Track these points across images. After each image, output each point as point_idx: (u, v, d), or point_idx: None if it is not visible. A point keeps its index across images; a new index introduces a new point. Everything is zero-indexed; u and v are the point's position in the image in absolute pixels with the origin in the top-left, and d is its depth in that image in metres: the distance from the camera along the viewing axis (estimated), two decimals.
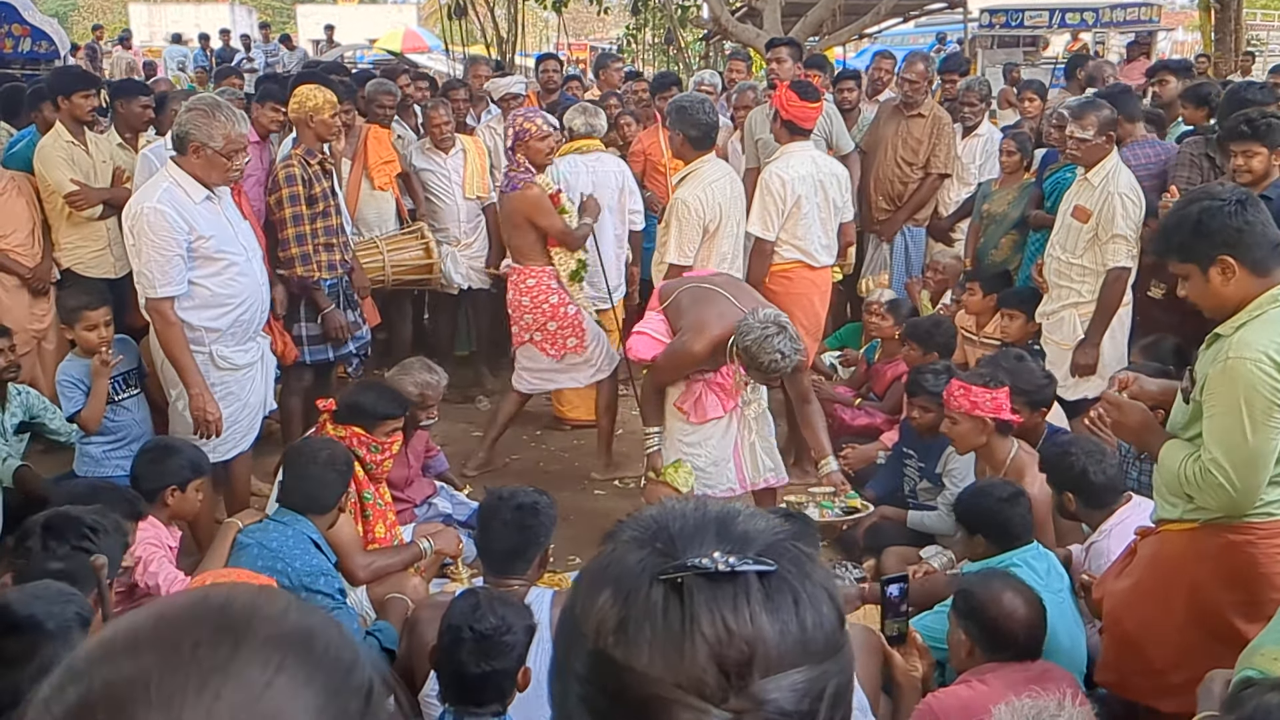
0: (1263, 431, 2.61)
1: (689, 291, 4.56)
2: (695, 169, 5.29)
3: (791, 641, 0.83)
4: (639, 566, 0.86)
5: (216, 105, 4.30)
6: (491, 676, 2.60)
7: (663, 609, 0.83)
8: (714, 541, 0.87)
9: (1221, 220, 2.68)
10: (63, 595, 2.26)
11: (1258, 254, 2.65)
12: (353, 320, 5.56)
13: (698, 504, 0.93)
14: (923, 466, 4.92)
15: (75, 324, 4.59)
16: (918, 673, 3.04)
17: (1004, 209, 6.39)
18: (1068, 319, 5.25)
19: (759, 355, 4.15)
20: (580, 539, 5.17)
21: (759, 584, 0.84)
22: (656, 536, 0.89)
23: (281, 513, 3.56)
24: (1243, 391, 2.61)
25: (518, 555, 3.18)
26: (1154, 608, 2.94)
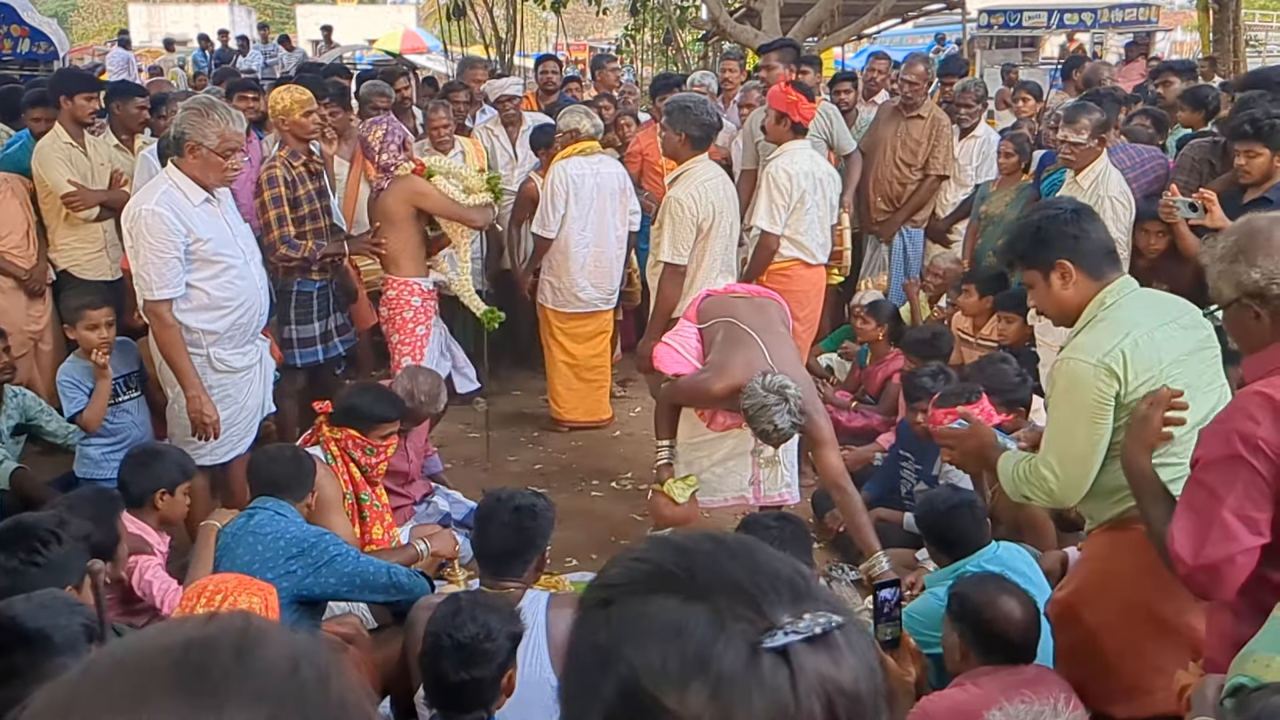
0: (1087, 429, 2.78)
1: (727, 325, 4.50)
2: (688, 168, 5.29)
3: (873, 687, 0.87)
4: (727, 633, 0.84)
5: (211, 105, 4.30)
6: (470, 684, 2.59)
7: (772, 679, 0.82)
8: (789, 597, 0.87)
9: (1059, 228, 2.89)
10: (70, 607, 2.26)
11: (1092, 259, 2.87)
12: (340, 322, 5.56)
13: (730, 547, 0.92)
14: (919, 468, 4.93)
15: (77, 323, 4.61)
16: (911, 677, 3.04)
17: (1001, 210, 6.40)
18: None
19: (755, 421, 4.15)
20: (577, 541, 5.18)
21: (841, 635, 0.87)
22: (733, 598, 0.86)
23: (261, 499, 3.60)
24: (1075, 390, 2.79)
25: (515, 557, 3.18)
26: (1090, 612, 2.97)
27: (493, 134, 7.23)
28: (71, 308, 4.69)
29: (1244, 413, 2.34)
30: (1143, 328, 2.78)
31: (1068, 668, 2.96)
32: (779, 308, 4.81)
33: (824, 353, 6.91)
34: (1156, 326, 2.80)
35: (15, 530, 2.81)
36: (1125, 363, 2.73)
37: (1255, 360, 2.45)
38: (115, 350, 4.64)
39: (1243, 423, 2.32)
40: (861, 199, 7.09)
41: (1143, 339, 2.76)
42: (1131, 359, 2.73)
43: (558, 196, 6.19)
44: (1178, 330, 2.83)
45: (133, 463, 3.98)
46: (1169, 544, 2.39)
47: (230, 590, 2.90)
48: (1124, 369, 2.73)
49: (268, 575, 3.24)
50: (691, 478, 4.59)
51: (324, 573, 3.40)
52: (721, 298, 4.79)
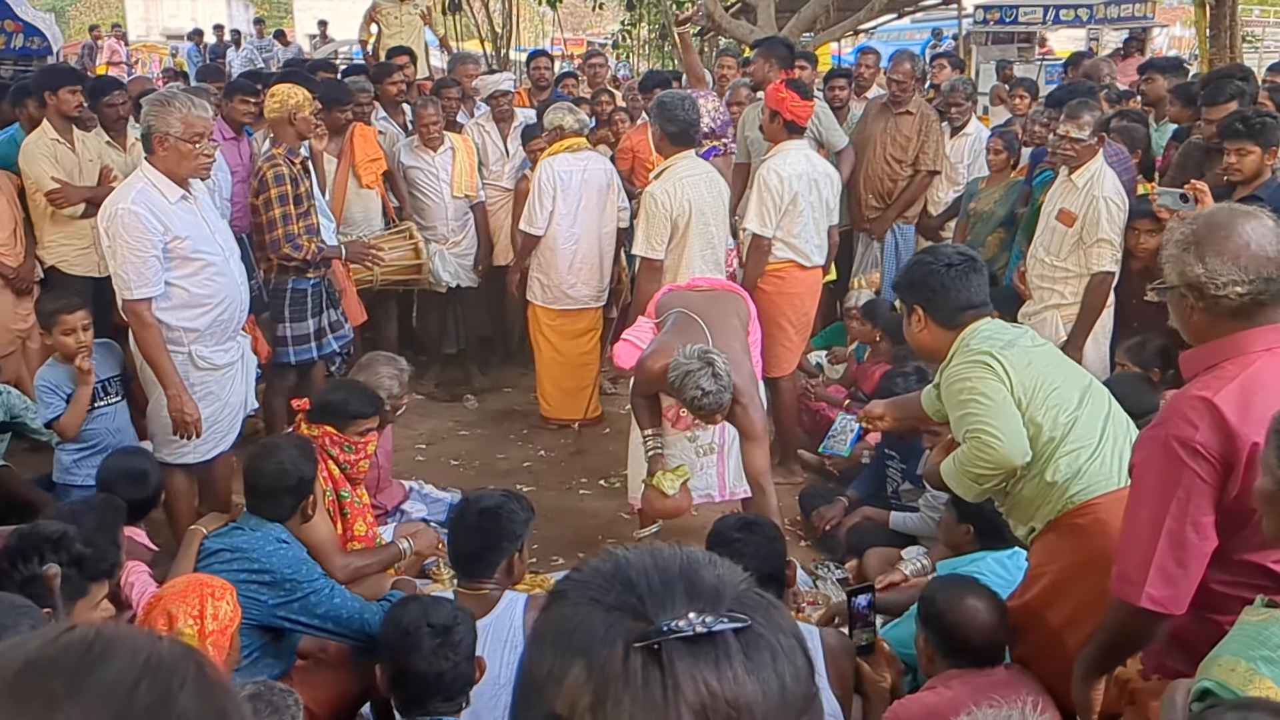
0: (996, 391, 2.95)
1: (677, 314, 4.53)
2: (671, 164, 5.28)
3: (774, 700, 0.80)
4: (609, 633, 0.82)
5: (171, 94, 4.27)
6: (458, 666, 2.65)
7: (642, 679, 0.79)
8: (684, 599, 0.83)
9: (924, 277, 3.17)
10: (15, 608, 2.26)
11: (945, 313, 3.12)
12: (333, 319, 5.56)
13: (655, 554, 0.89)
14: (904, 468, 4.92)
15: (52, 329, 4.48)
16: (886, 682, 3.04)
17: (990, 207, 6.39)
18: (1049, 321, 5.24)
19: (682, 391, 4.12)
20: (565, 539, 5.18)
21: (737, 642, 0.81)
22: (622, 596, 0.84)
23: (247, 517, 3.55)
24: (968, 380, 3.00)
25: (480, 560, 3.19)
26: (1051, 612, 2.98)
27: (484, 130, 7.22)
28: (45, 313, 4.57)
29: (1181, 417, 2.32)
30: (1001, 341, 3.05)
31: (1040, 668, 2.96)
32: (738, 301, 4.81)
33: (813, 350, 6.90)
34: (1013, 339, 3.09)
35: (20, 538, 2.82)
36: (1000, 360, 2.97)
37: (1192, 355, 2.46)
38: (96, 352, 4.54)
39: (1180, 427, 2.31)
40: (852, 196, 7.07)
41: (1005, 346, 3.03)
42: (1004, 358, 2.98)
43: (544, 193, 6.18)
44: (1028, 340, 3.14)
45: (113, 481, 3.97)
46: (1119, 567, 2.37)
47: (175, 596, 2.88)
48: (1001, 366, 2.96)
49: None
50: (683, 468, 4.56)
51: (294, 608, 3.33)
52: (680, 291, 4.81)
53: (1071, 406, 2.97)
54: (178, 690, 0.72)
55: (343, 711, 3.53)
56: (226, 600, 2.92)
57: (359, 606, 3.42)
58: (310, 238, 5.32)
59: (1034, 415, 2.95)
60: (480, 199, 6.99)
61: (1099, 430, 2.98)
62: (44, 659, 0.70)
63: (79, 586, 2.82)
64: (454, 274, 6.90)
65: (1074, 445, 2.93)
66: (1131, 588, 2.33)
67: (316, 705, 3.42)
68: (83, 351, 4.46)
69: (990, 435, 2.91)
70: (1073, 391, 3.01)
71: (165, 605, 2.86)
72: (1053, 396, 2.98)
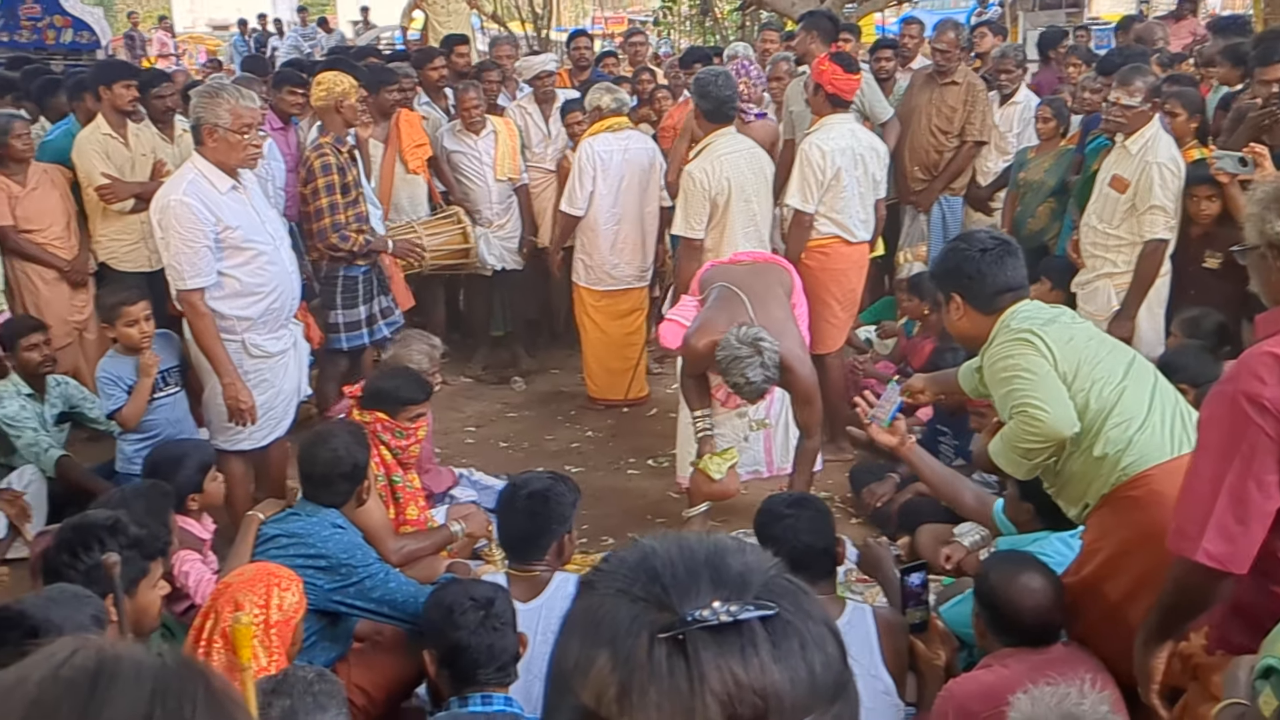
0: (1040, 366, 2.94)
1: (719, 289, 4.52)
2: (710, 142, 5.24)
3: (803, 688, 0.79)
4: (634, 624, 0.81)
5: (220, 86, 4.32)
6: (506, 639, 2.70)
7: (667, 670, 0.78)
8: (710, 588, 0.82)
9: (959, 264, 3.18)
10: (78, 598, 2.32)
11: (983, 298, 3.13)
12: (384, 305, 5.60)
13: (681, 543, 0.88)
14: (957, 443, 4.87)
15: (115, 321, 4.57)
16: (940, 660, 3.02)
17: (1040, 176, 6.28)
18: (1102, 290, 5.16)
19: (727, 374, 4.14)
20: (614, 519, 5.19)
21: (764, 630, 0.80)
22: (647, 587, 0.83)
23: (303, 503, 3.60)
24: (1012, 357, 2.99)
25: (531, 543, 3.21)
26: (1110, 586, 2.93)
27: (526, 112, 7.21)
28: (107, 306, 4.66)
29: (1250, 372, 2.27)
30: (1040, 320, 3.05)
31: (1099, 645, 2.92)
32: (781, 271, 4.79)
33: (862, 325, 6.84)
34: (1053, 316, 3.10)
35: (73, 529, 2.88)
36: (1041, 336, 2.97)
37: (1270, 315, 2.40)
38: (155, 343, 4.61)
39: (1249, 383, 2.26)
40: (898, 168, 6.98)
41: (1046, 323, 3.03)
42: (1045, 334, 2.98)
43: (584, 174, 6.17)
44: (1068, 317, 3.15)
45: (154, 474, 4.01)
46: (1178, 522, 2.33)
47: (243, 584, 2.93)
48: (1043, 342, 2.96)
49: None
50: (731, 451, 4.56)
51: (350, 593, 3.38)
52: (722, 266, 4.80)
53: (1116, 379, 2.95)
54: (191, 715, 0.70)
55: (398, 693, 3.57)
56: (292, 591, 2.96)
57: (414, 590, 3.46)
58: (360, 226, 5.36)
59: (1079, 388, 2.92)
60: (523, 181, 6.99)
61: (1146, 401, 2.95)
62: (48, 700, 0.67)
63: (140, 568, 2.89)
64: (499, 257, 6.92)
65: (1122, 417, 2.90)
66: (1188, 543, 2.28)
67: (373, 687, 3.47)
68: (145, 342, 4.54)
69: (1036, 408, 2.89)
70: (1116, 364, 3.00)
71: (233, 593, 2.91)
72: (1097, 370, 2.96)
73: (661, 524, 5.15)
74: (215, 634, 2.87)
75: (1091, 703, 2.18)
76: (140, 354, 4.54)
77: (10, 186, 5.75)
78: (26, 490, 4.82)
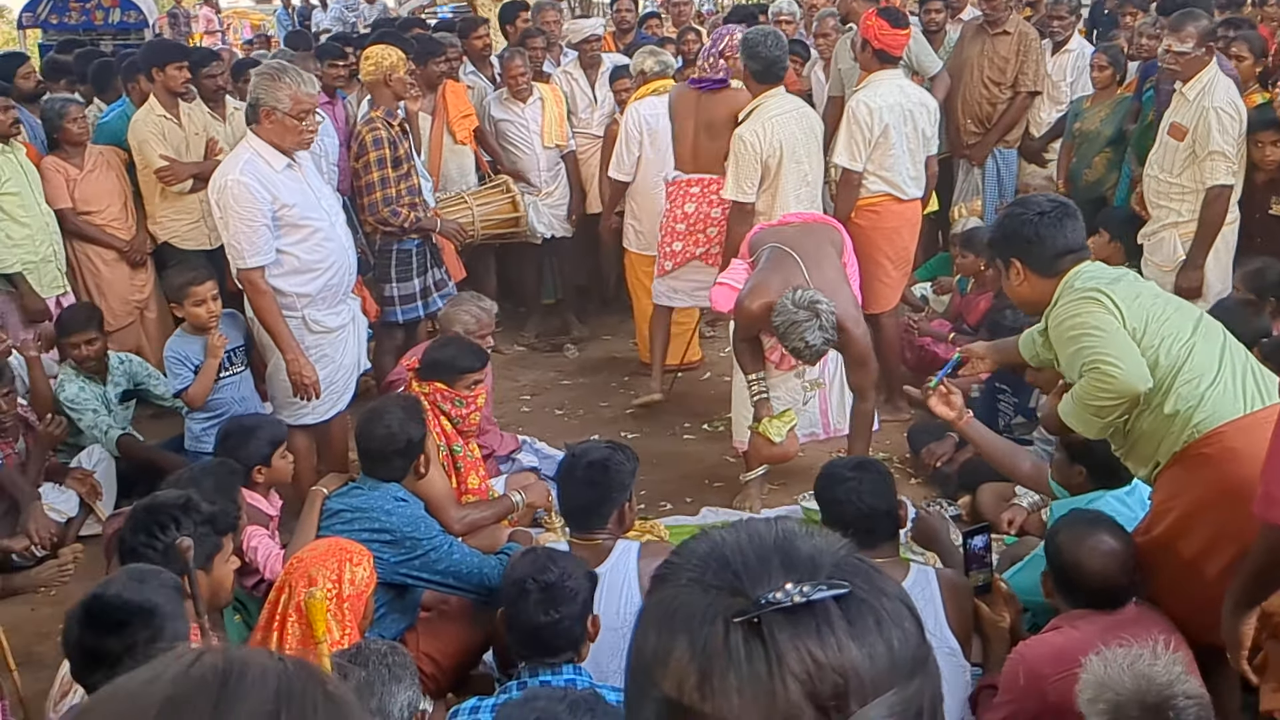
0: (1111, 322, 2.89)
1: (771, 250, 4.49)
2: (759, 104, 5.18)
3: (882, 664, 0.80)
4: (709, 611, 0.82)
5: (282, 68, 4.34)
6: (561, 623, 2.67)
7: (745, 655, 0.79)
8: (781, 571, 0.83)
9: (1017, 229, 3.14)
10: (160, 576, 2.39)
11: (1043, 262, 3.09)
12: (438, 277, 5.63)
13: (750, 531, 0.89)
14: (1016, 401, 4.83)
15: (183, 301, 4.61)
16: (1005, 622, 3.00)
17: (1096, 126, 6.17)
18: (1168, 240, 5.06)
19: (785, 338, 4.12)
20: (671, 484, 5.21)
21: (838, 610, 0.81)
22: (719, 574, 0.84)
23: (365, 478, 3.65)
24: (1079, 315, 2.95)
25: (592, 512, 3.23)
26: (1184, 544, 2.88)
27: (572, 78, 7.18)
28: (175, 286, 4.70)
29: None
30: (1106, 279, 3.01)
31: (1172, 605, 2.88)
32: (831, 230, 4.76)
33: (918, 283, 6.77)
34: (1118, 276, 3.06)
35: (145, 511, 2.94)
36: (1108, 294, 2.93)
37: None
38: (222, 323, 4.66)
39: None
40: (950, 122, 6.87)
41: (1111, 282, 2.99)
42: (1112, 292, 2.94)
43: (631, 139, 6.14)
44: (1132, 277, 3.12)
45: (226, 445, 4.09)
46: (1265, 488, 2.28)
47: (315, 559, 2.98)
48: (1110, 299, 2.92)
49: None
50: (789, 413, 4.54)
51: (415, 565, 3.44)
52: (771, 228, 4.76)
53: (1185, 335, 2.90)
54: (313, 716, 0.72)
55: (466, 661, 3.63)
56: (364, 566, 3.02)
57: (478, 561, 3.50)
58: (412, 199, 5.38)
59: (1148, 345, 2.88)
60: (571, 148, 6.98)
61: (1216, 357, 2.90)
62: (181, 696, 0.70)
63: (214, 543, 2.96)
64: (548, 225, 6.93)
65: (1192, 373, 2.85)
66: (1276, 509, 2.25)
67: (441, 656, 3.53)
68: (213, 322, 4.59)
69: (1109, 364, 2.84)
70: (1185, 321, 2.96)
71: (305, 568, 2.96)
72: (1165, 326, 2.91)
73: (719, 488, 5.17)
74: (290, 609, 2.93)
75: (1164, 664, 2.17)
76: (208, 334, 4.60)
77: (68, 170, 5.85)
78: (96, 469, 4.94)
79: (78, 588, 4.06)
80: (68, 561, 4.64)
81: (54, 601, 4.41)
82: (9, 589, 4.48)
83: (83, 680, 2.39)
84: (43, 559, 4.62)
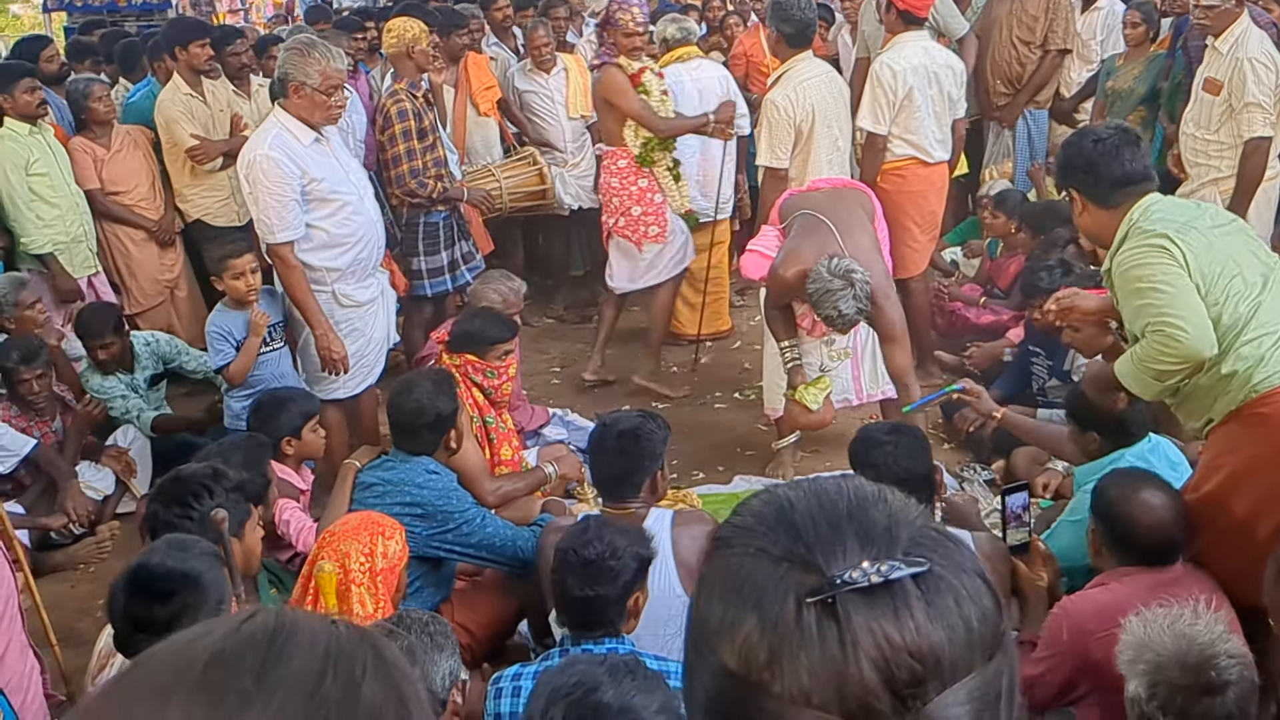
0: (1178, 278, 2.78)
1: (803, 217, 4.44)
2: (790, 68, 5.12)
3: (960, 645, 0.76)
4: (780, 587, 0.78)
5: (311, 43, 4.33)
6: (595, 601, 2.62)
7: (818, 635, 0.75)
8: (856, 545, 0.78)
9: (1072, 159, 3.06)
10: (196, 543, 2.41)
11: (1099, 192, 2.98)
12: (466, 250, 5.63)
13: (821, 495, 0.84)
14: (1050, 364, 4.77)
15: (222, 274, 4.60)
16: (1043, 581, 2.97)
17: (1130, 84, 6.07)
18: (1209, 197, 4.98)
19: (819, 306, 4.08)
20: (703, 453, 5.20)
21: (916, 588, 0.76)
22: (789, 546, 0.80)
23: (397, 451, 3.65)
24: (1144, 264, 2.83)
25: (625, 481, 3.21)
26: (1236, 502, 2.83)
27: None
28: (215, 259, 4.67)
29: None
30: (1177, 223, 2.86)
31: (1218, 564, 2.84)
32: (861, 196, 4.71)
33: (948, 247, 6.70)
34: (1191, 219, 2.90)
35: (173, 483, 2.97)
36: (1177, 243, 2.80)
37: None
38: (260, 300, 4.65)
39: None
40: (979, 84, 6.77)
41: (1182, 228, 2.85)
42: (1182, 241, 2.81)
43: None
44: (1208, 219, 2.94)
45: (257, 418, 4.12)
46: None
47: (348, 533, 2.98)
48: (1179, 249, 2.80)
49: None
50: (824, 379, 4.51)
51: (448, 539, 3.44)
52: (801, 194, 4.71)
53: (1255, 292, 2.79)
54: (361, 678, 0.71)
55: (501, 631, 3.65)
56: (396, 540, 3.02)
57: (511, 535, 3.49)
58: (438, 171, 5.37)
59: (1212, 301, 2.77)
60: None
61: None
62: (230, 651, 0.69)
63: (244, 510, 3.00)
64: (575, 196, 6.89)
65: (1256, 332, 2.76)
66: None
67: (476, 626, 3.54)
68: (252, 295, 4.58)
69: (1175, 327, 2.73)
70: (1255, 275, 2.83)
71: (338, 542, 2.97)
72: (1234, 284, 2.79)
73: (751, 456, 5.15)
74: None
75: (1206, 623, 2.14)
76: (248, 308, 4.59)
77: (95, 150, 5.87)
78: (131, 447, 4.99)
79: (115, 564, 4.10)
80: (105, 539, 4.70)
81: (93, 578, 4.47)
82: (48, 566, 4.53)
83: (126, 650, 2.42)
84: (80, 537, 4.68)
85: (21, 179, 5.47)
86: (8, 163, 5.44)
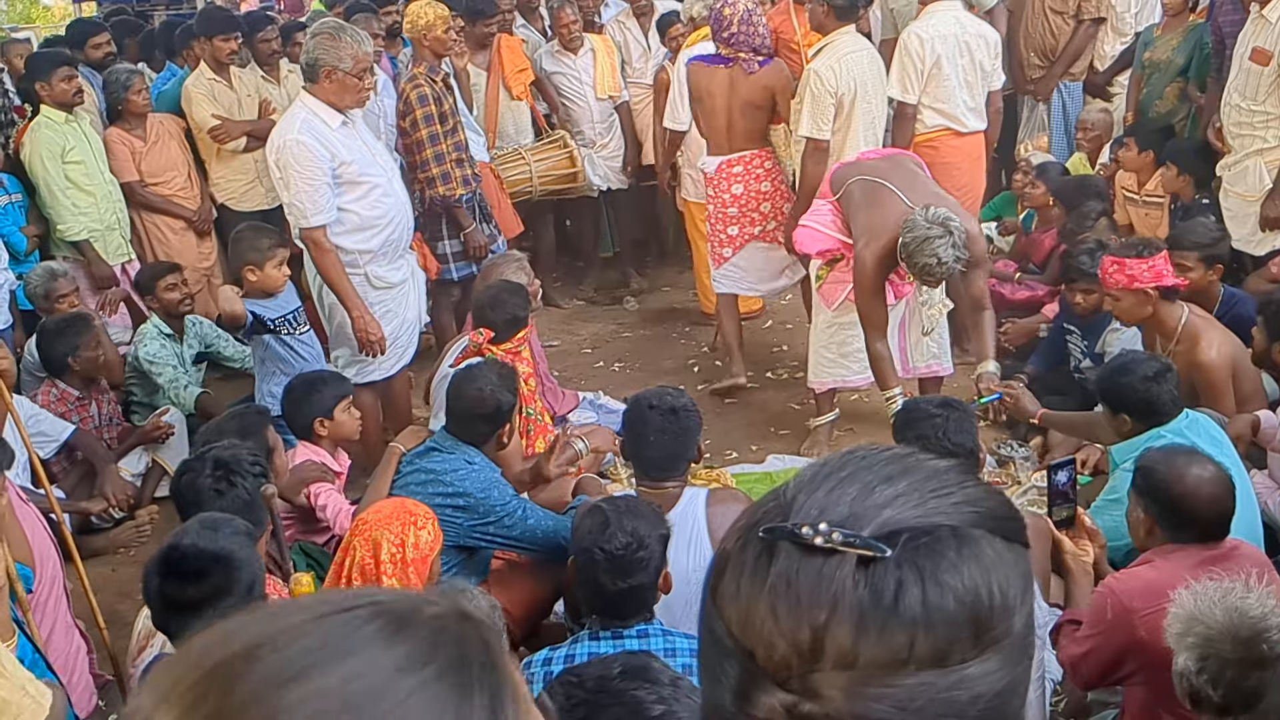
0: None
1: (860, 184, 4.37)
2: (831, 40, 5.07)
3: (872, 639, 0.72)
4: (759, 514, 0.81)
5: (340, 27, 4.35)
6: (631, 593, 2.59)
7: (751, 564, 0.77)
8: (837, 510, 0.77)
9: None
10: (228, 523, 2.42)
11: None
12: (488, 233, 5.61)
13: (859, 463, 0.81)
14: (1086, 343, 4.72)
15: (264, 264, 4.63)
16: (1088, 556, 2.93)
17: (1168, 56, 5.95)
18: (1252, 168, 4.88)
19: (915, 256, 3.99)
20: (737, 433, 5.18)
21: (857, 569, 0.74)
22: (795, 490, 0.81)
23: (445, 437, 3.59)
24: None
25: (678, 459, 3.19)
26: None
27: (625, 27, 7.07)
28: (262, 247, 4.67)
29: None
30: None
31: None
32: (911, 158, 4.66)
33: (982, 221, 6.62)
34: None
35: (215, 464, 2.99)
36: None
37: None
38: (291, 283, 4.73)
39: None
40: (1012, 56, 6.67)
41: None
42: None
43: (684, 87, 6.03)
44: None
45: (289, 399, 4.14)
46: None
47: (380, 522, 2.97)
48: None
49: None
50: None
51: (489, 530, 3.41)
52: (850, 163, 4.65)
53: None
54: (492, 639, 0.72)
55: (537, 612, 3.63)
56: (428, 529, 2.97)
57: (552, 525, 3.45)
58: (459, 155, 5.34)
59: None
60: (624, 99, 6.90)
61: None
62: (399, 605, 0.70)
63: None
64: (604, 177, 6.87)
65: None
66: None
67: (512, 606, 3.52)
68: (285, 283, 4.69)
69: None
70: None
71: (369, 531, 2.95)
72: None
73: (785, 435, 5.13)
74: (354, 570, 2.93)
75: (1257, 597, 2.10)
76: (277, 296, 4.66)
77: (132, 142, 5.92)
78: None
79: (155, 547, 4.13)
80: (145, 522, 4.74)
81: (134, 561, 4.51)
82: (90, 551, 4.57)
83: (164, 628, 2.44)
84: (120, 520, 4.73)
85: (58, 167, 5.51)
86: (44, 150, 5.49)
